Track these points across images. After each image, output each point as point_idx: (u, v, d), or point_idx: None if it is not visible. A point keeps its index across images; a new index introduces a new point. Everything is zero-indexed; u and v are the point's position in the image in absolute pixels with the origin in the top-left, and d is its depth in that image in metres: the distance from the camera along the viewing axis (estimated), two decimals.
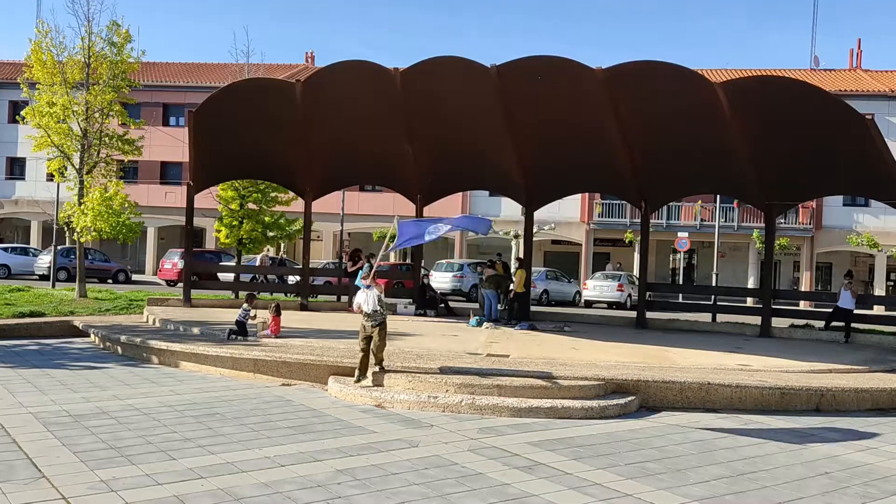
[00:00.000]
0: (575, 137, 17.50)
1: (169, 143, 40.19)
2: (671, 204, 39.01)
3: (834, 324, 17.84)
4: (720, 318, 20.93)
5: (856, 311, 17.59)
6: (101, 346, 14.29)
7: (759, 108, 15.42)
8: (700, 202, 39.54)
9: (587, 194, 39.79)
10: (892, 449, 8.53)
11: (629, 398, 10.04)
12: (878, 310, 29.69)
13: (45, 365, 11.97)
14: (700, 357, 13.11)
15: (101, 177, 20.78)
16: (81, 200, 19.93)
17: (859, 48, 45.81)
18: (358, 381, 10.18)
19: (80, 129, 20.13)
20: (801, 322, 19.35)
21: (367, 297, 10.23)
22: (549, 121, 17.36)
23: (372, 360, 10.32)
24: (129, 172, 37.52)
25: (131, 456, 7.03)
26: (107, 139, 20.58)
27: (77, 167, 20.38)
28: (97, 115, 20.30)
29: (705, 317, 21.48)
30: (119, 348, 13.55)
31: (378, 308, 10.17)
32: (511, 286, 18.93)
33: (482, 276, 19.49)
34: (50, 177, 25.33)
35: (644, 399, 10.28)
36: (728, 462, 7.66)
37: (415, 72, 16.85)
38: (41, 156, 22.37)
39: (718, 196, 32.45)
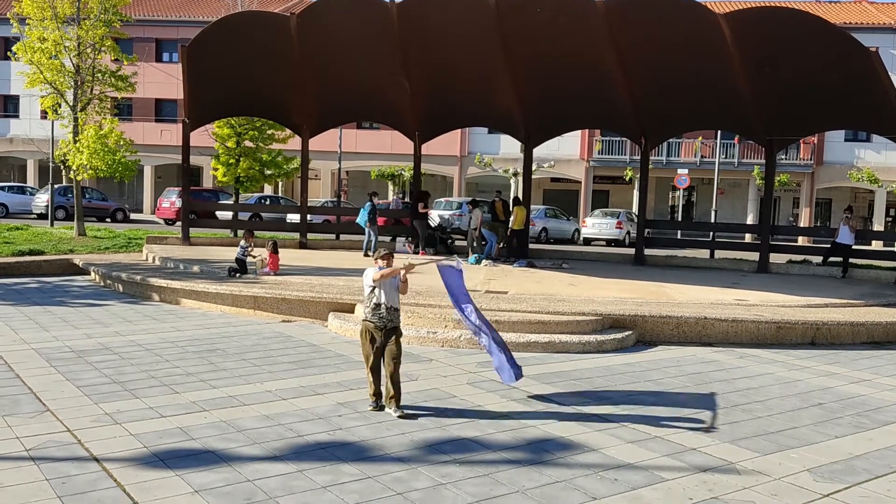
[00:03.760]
0: (574, 72, 17.24)
1: (163, 80, 39.61)
2: (671, 140, 38.72)
3: (832, 259, 17.91)
4: (718, 254, 20.98)
5: (854, 247, 17.64)
6: (102, 283, 14.35)
7: (763, 40, 15.15)
8: (700, 138, 39.22)
9: (587, 131, 39.43)
10: (886, 381, 8.66)
11: (626, 333, 10.14)
12: (877, 245, 29.85)
13: (47, 302, 12.04)
14: (697, 292, 13.19)
15: (95, 114, 20.57)
16: (76, 138, 19.76)
17: None
18: (379, 407, 6.74)
19: (73, 64, 19.83)
20: (799, 258, 19.42)
21: (382, 287, 6.61)
22: (549, 55, 17.06)
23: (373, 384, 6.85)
24: (124, 110, 37.07)
25: (135, 390, 7.12)
26: (100, 75, 20.29)
27: (71, 104, 20.15)
28: (89, 50, 19.96)
29: (704, 253, 21.53)
30: (119, 286, 13.61)
31: (397, 305, 6.74)
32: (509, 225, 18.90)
33: (471, 215, 19.38)
34: (44, 114, 25.05)
35: (641, 334, 10.38)
36: (723, 394, 7.78)
37: (412, 4, 16.49)
38: (35, 93, 22.07)
39: (719, 132, 32.20)
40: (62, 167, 21.17)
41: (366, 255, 17.74)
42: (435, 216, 28.12)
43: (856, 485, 5.40)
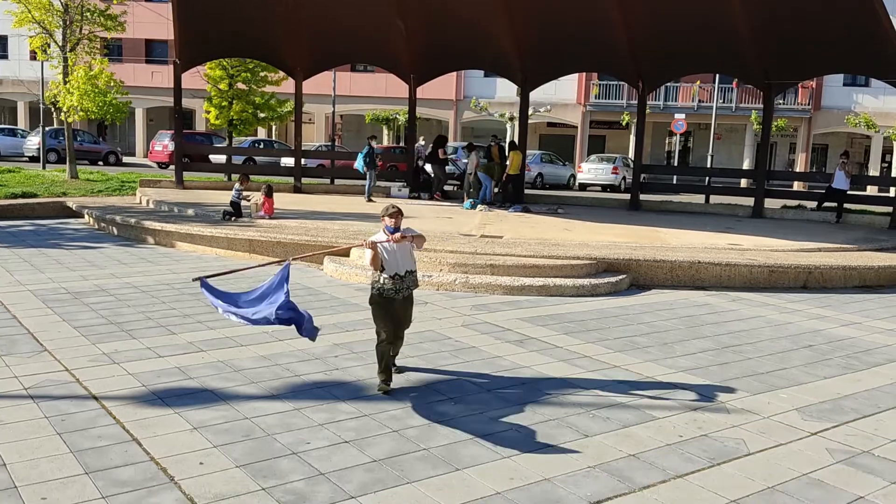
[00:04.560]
0: (572, 13, 16.96)
1: (153, 20, 38.82)
2: (669, 85, 38.32)
3: (826, 204, 17.94)
4: (713, 199, 20.99)
5: (849, 192, 17.65)
6: (96, 226, 14.33)
7: None
8: (698, 83, 38.82)
9: (584, 75, 38.97)
10: (876, 323, 8.76)
11: (620, 277, 10.20)
12: (872, 190, 29.87)
13: (41, 245, 12.03)
14: (691, 237, 13.23)
15: (84, 55, 20.26)
16: (66, 79, 19.49)
17: None
18: (388, 391, 5.80)
19: (61, 3, 19.44)
20: (794, 203, 19.44)
21: (396, 251, 5.69)
22: None
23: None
24: (114, 51, 36.47)
25: (132, 331, 7.16)
26: (88, 14, 19.93)
27: (60, 44, 19.82)
28: None
29: (699, 198, 21.54)
30: (114, 229, 13.58)
31: (413, 268, 5.94)
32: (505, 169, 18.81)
33: (467, 159, 19.31)
34: (33, 55, 24.66)
35: (635, 278, 10.44)
36: (714, 336, 7.87)
37: None
38: (23, 32, 21.69)
39: (717, 76, 31.87)
40: (53, 109, 20.94)
41: (368, 200, 17.60)
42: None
43: (843, 424, 5.50)
